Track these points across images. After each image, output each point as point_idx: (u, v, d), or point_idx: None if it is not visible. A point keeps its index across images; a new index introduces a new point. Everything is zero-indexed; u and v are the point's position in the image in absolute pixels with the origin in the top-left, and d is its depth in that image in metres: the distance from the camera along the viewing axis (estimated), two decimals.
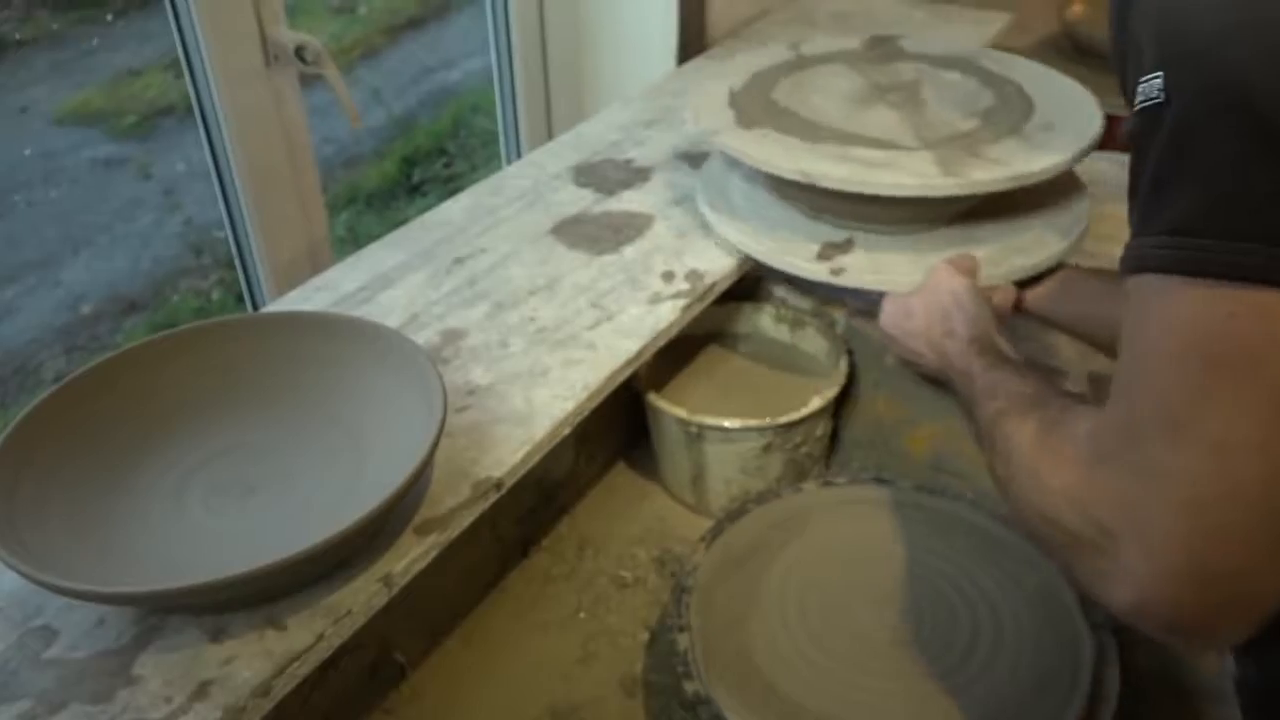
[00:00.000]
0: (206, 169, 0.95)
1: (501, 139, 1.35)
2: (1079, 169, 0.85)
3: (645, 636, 0.73)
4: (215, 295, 1.95)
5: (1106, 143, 1.72)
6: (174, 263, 2.04)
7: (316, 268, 0.84)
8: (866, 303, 0.80)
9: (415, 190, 2.20)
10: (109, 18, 2.13)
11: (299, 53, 0.87)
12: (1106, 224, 1.25)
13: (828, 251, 0.79)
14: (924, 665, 0.61)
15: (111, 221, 2.12)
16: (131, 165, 2.24)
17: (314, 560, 0.50)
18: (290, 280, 0.81)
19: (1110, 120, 1.87)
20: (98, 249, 2.06)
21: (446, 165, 2.27)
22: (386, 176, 2.27)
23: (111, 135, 2.30)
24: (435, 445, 0.55)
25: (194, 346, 0.63)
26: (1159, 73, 0.42)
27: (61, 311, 1.90)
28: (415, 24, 2.74)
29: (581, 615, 0.76)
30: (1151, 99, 0.42)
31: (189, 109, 0.93)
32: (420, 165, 2.28)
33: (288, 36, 0.87)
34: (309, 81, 0.92)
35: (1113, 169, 1.34)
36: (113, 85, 2.40)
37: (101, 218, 2.13)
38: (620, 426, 0.88)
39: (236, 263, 0.99)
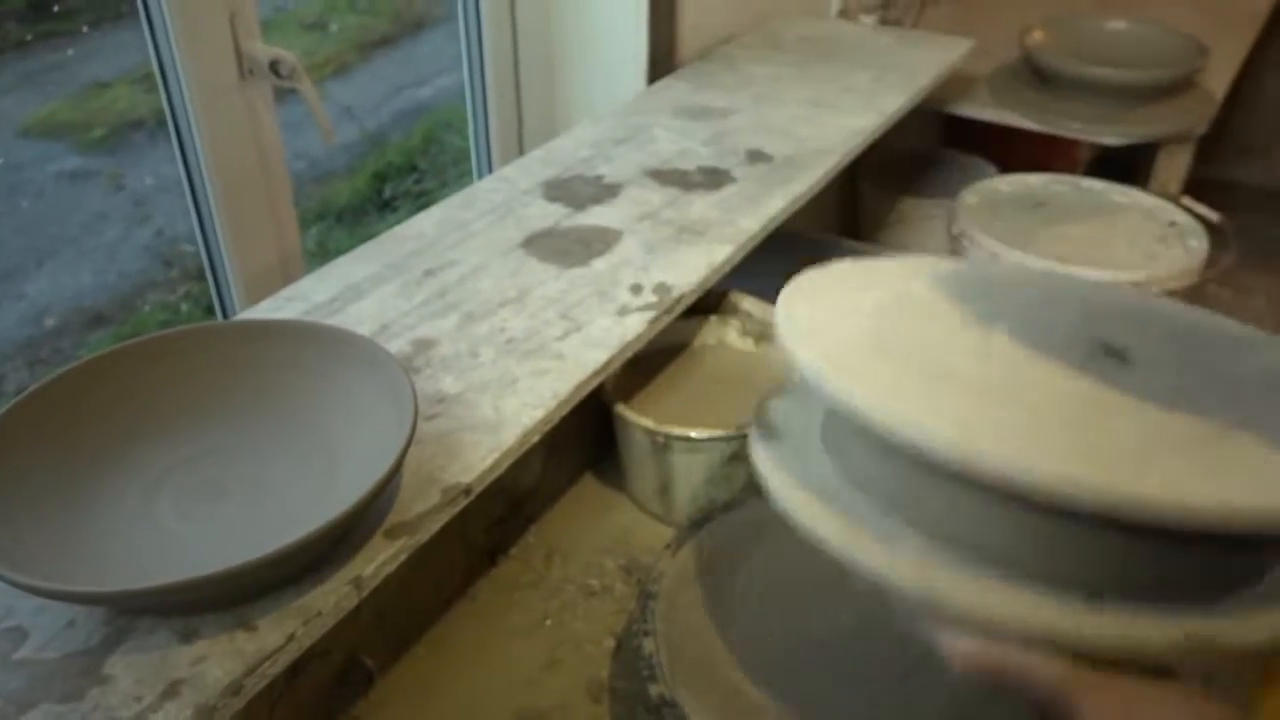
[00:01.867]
0: (175, 183, 0.95)
1: (473, 156, 1.37)
2: None
3: (611, 644, 0.74)
4: (184, 308, 1.94)
5: (1062, 165, 1.75)
6: (141, 276, 2.03)
7: (288, 280, 0.85)
8: None
9: (386, 206, 2.21)
10: (84, 29, 2.12)
11: (274, 67, 0.88)
12: (1064, 244, 1.28)
13: None
14: (889, 666, 0.63)
15: (78, 235, 2.10)
16: (99, 179, 2.23)
17: (284, 562, 0.51)
18: (261, 292, 0.82)
19: (1066, 144, 1.91)
20: (63, 262, 2.05)
21: (417, 181, 2.28)
22: (358, 192, 2.28)
23: (79, 148, 2.29)
24: (405, 451, 0.56)
25: (168, 352, 0.63)
26: None
27: (25, 325, 1.89)
28: (388, 41, 2.75)
29: (548, 623, 0.77)
30: None
31: (159, 123, 0.94)
32: (391, 181, 2.28)
33: (262, 51, 0.88)
34: (281, 96, 0.93)
35: (1067, 191, 1.38)
36: (81, 98, 2.39)
37: (68, 230, 2.12)
38: (588, 438, 0.89)
39: (208, 274, 1.00)
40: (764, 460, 0.55)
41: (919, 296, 0.57)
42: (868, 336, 0.52)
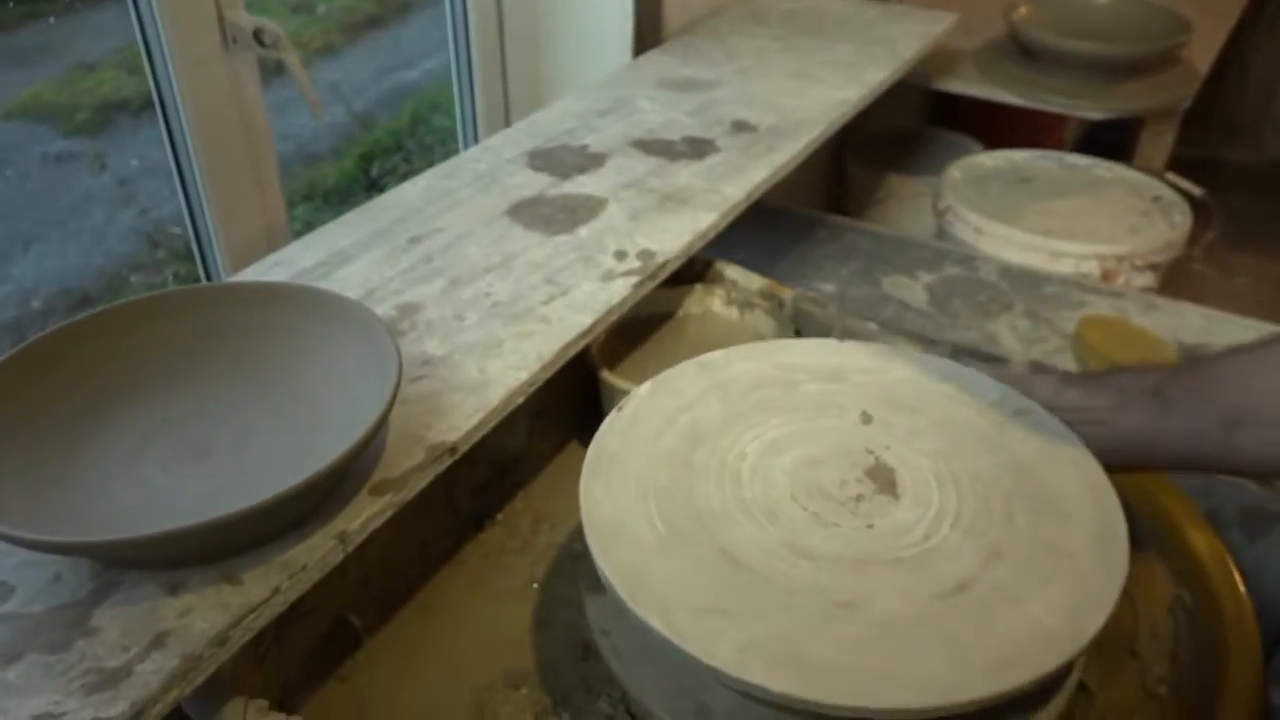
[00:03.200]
0: (161, 165, 0.95)
1: (460, 133, 1.37)
2: None
3: None
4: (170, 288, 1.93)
5: (1048, 142, 1.76)
6: (127, 258, 2.02)
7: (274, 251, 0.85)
8: None
9: (374, 187, 2.20)
10: (73, 3, 2.11)
11: (258, 36, 0.88)
12: (1048, 219, 1.29)
13: None
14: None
15: (63, 217, 2.09)
16: (84, 161, 2.22)
17: (269, 514, 0.51)
18: (248, 265, 0.82)
19: (1052, 121, 1.92)
20: (49, 244, 2.04)
21: (406, 161, 2.28)
22: (345, 174, 2.27)
23: (63, 131, 2.28)
24: (390, 407, 0.56)
25: (154, 314, 0.64)
26: None
27: (11, 307, 1.88)
28: (374, 23, 2.73)
29: (535, 586, 0.77)
30: None
31: (144, 105, 0.93)
32: (378, 161, 2.28)
33: (246, 20, 0.88)
34: (269, 79, 0.94)
35: (1052, 167, 1.39)
36: (65, 80, 2.37)
37: (53, 213, 2.11)
38: (575, 406, 0.90)
39: (194, 247, 1.00)
40: (593, 623, 0.62)
41: (711, 426, 0.65)
42: (662, 521, 0.58)
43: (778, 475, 0.61)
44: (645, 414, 0.66)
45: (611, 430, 0.65)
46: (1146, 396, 0.61)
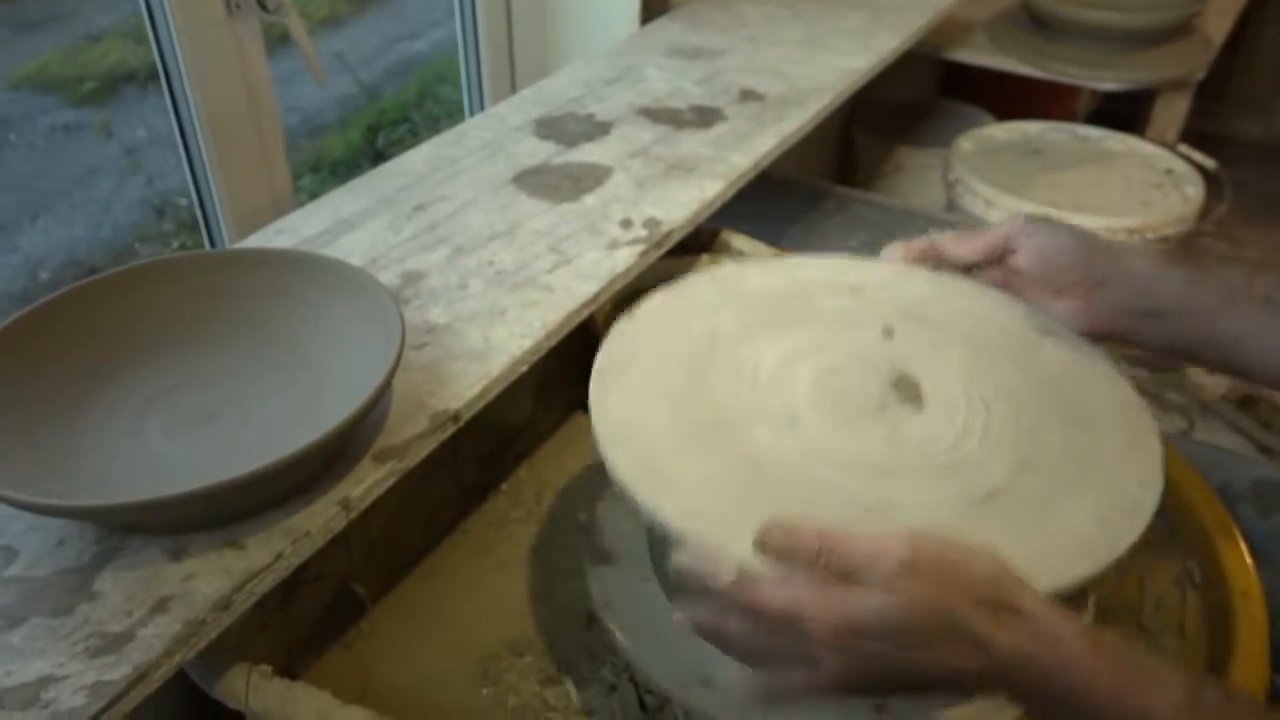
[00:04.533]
0: (167, 136, 0.94)
1: (465, 103, 1.36)
2: None
3: None
4: None
5: (1060, 115, 1.74)
6: (134, 230, 2.02)
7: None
8: None
9: (380, 158, 2.19)
10: None
11: (260, 1, 0.87)
12: (1059, 191, 1.28)
13: None
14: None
15: (71, 188, 2.09)
16: (91, 132, 2.21)
17: (272, 479, 0.51)
18: (252, 231, 0.82)
19: (1064, 93, 1.90)
20: (57, 215, 2.04)
21: (412, 133, 2.27)
22: (351, 146, 2.26)
23: (70, 102, 2.27)
24: (393, 373, 0.56)
25: (160, 279, 0.63)
26: None
27: (19, 278, 1.88)
28: None
29: (539, 555, 0.77)
30: None
31: (151, 75, 0.93)
32: (384, 134, 2.27)
33: None
34: (273, 49, 0.93)
35: (1064, 139, 1.37)
36: (71, 51, 2.37)
37: (60, 184, 2.11)
38: (579, 376, 0.89)
39: (198, 216, 0.99)
40: (596, 596, 0.61)
41: (727, 335, 0.60)
42: (676, 422, 0.55)
43: (798, 383, 0.57)
44: (658, 319, 0.62)
45: (621, 334, 0.61)
46: (1257, 303, 0.55)
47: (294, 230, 0.77)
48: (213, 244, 1.00)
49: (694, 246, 0.92)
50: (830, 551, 0.43)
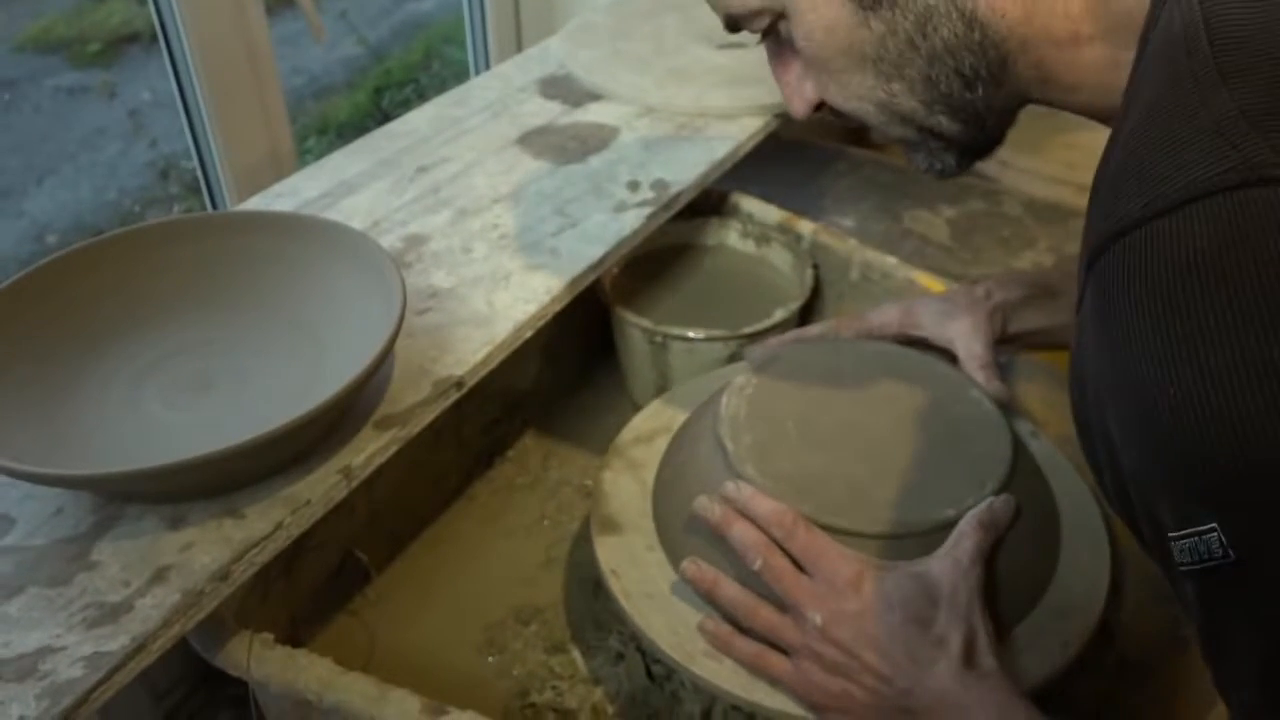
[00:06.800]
0: (171, 98, 0.93)
1: (471, 64, 1.33)
2: None
3: None
4: None
5: None
6: (140, 193, 2.01)
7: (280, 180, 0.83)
8: None
9: (386, 120, 2.17)
10: None
11: None
12: (1073, 152, 1.25)
13: None
14: None
15: (76, 151, 2.08)
16: (95, 94, 2.19)
17: (272, 447, 0.50)
18: (254, 194, 0.81)
19: None
20: (62, 178, 2.03)
21: (419, 94, 2.24)
22: (358, 108, 2.24)
23: (75, 63, 2.25)
24: (393, 339, 0.55)
25: (158, 243, 0.62)
26: (1210, 525, 0.32)
27: (26, 241, 1.87)
28: None
29: (546, 523, 0.77)
30: (1209, 560, 0.33)
31: (153, 37, 0.91)
32: (390, 95, 2.25)
33: None
34: (278, 10, 0.91)
35: None
36: (75, 13, 2.34)
37: (66, 146, 2.09)
38: (586, 342, 0.88)
39: (200, 176, 0.98)
40: (603, 563, 0.60)
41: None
42: None
43: None
44: None
45: None
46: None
47: (295, 192, 0.75)
48: (214, 205, 0.99)
49: (703, 209, 0.90)
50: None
